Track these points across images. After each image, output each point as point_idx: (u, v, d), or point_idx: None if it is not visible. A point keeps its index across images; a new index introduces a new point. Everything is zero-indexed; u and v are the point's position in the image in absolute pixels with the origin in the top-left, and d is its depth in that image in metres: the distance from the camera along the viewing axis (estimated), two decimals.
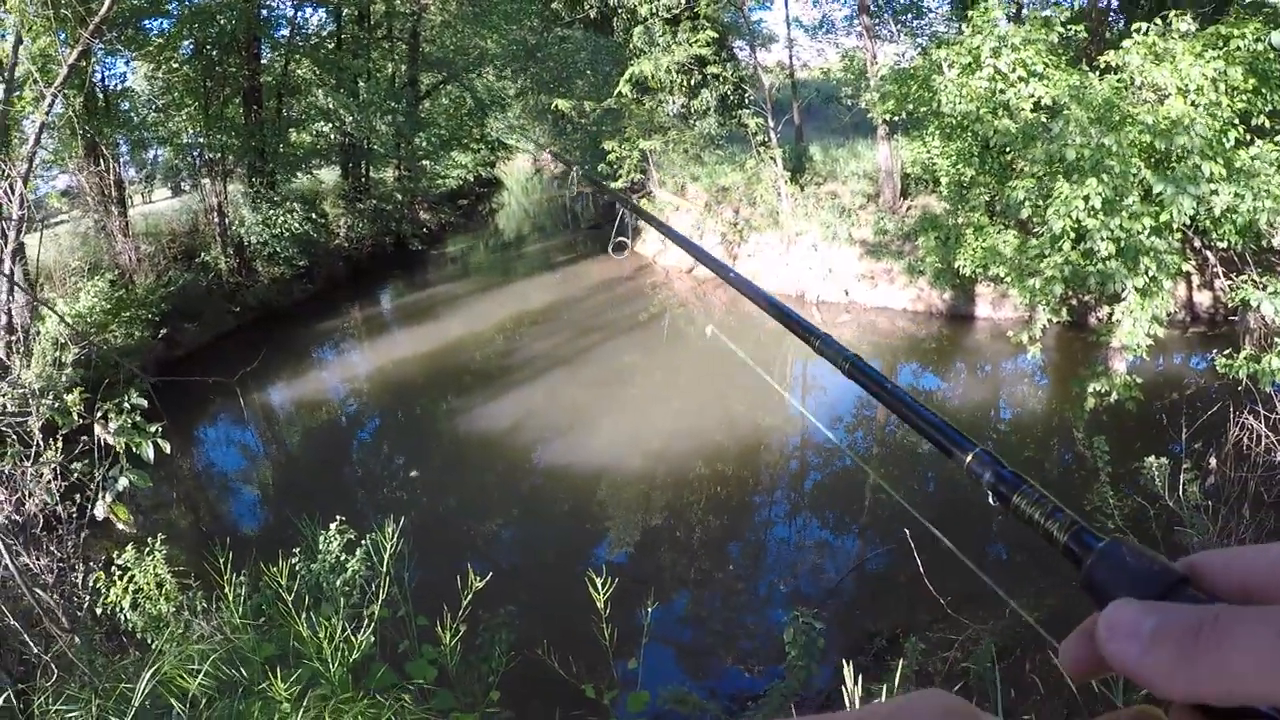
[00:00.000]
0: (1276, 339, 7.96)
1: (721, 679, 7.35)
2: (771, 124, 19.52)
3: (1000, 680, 4.89)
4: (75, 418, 5.18)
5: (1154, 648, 0.38)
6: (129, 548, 5.13)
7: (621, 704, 4.71)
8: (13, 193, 9.81)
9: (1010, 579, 8.41)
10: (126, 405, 4.95)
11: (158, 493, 10.92)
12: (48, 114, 12.26)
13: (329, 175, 26.25)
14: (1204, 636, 0.36)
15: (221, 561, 4.77)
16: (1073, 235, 9.84)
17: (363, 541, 5.22)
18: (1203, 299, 14.28)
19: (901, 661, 4.78)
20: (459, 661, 4.83)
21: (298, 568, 5.08)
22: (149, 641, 4.45)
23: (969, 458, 0.55)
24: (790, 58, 23.70)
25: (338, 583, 5.02)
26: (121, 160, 19.13)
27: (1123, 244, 9.51)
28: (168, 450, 5.12)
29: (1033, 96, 11.44)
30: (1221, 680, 0.36)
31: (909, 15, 22.39)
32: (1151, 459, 6.00)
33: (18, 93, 12.73)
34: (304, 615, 4.43)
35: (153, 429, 5.00)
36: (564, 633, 5.63)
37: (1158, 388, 11.51)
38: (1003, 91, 11.74)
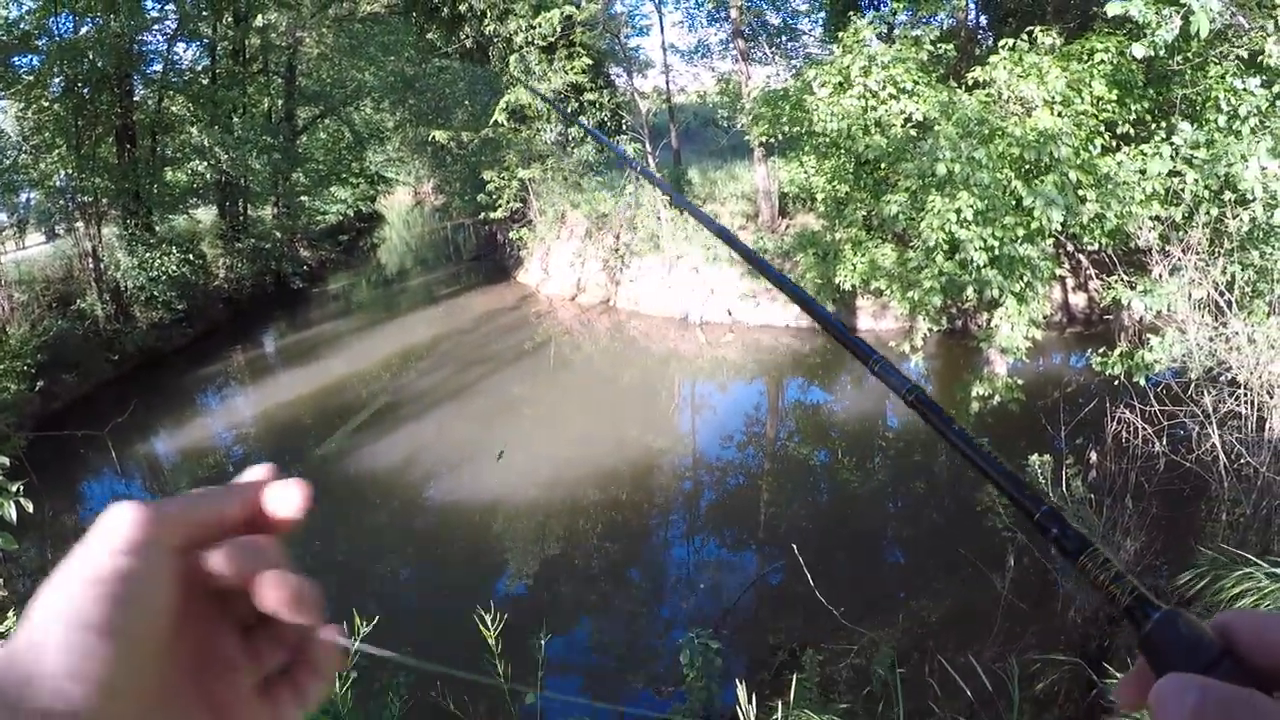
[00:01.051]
0: (1148, 335, 8.22)
1: (631, 703, 7.30)
2: (649, 148, 19.69)
3: (900, 683, 4.94)
4: None
5: None
6: (10, 613, 4.89)
7: None
8: None
9: (911, 580, 8.55)
10: None
11: (39, 555, 10.49)
12: None
13: (206, 215, 25.64)
14: (1235, 717, 0.42)
15: None
16: (947, 246, 10.09)
17: None
18: (1078, 300, 14.78)
19: (797, 675, 4.79)
20: (353, 711, 4.70)
21: None
22: None
23: (1037, 515, 0.56)
24: (667, 83, 23.96)
25: None
26: None
27: (996, 253, 9.78)
28: (30, 509, 4.89)
29: (903, 113, 11.73)
30: None
31: (783, 38, 22.85)
32: (1034, 457, 6.15)
33: None
34: None
35: (14, 488, 4.77)
36: (463, 669, 5.53)
37: (1039, 388, 11.83)
38: (874, 109, 12.02)
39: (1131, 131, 10.76)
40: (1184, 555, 6.41)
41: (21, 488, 4.87)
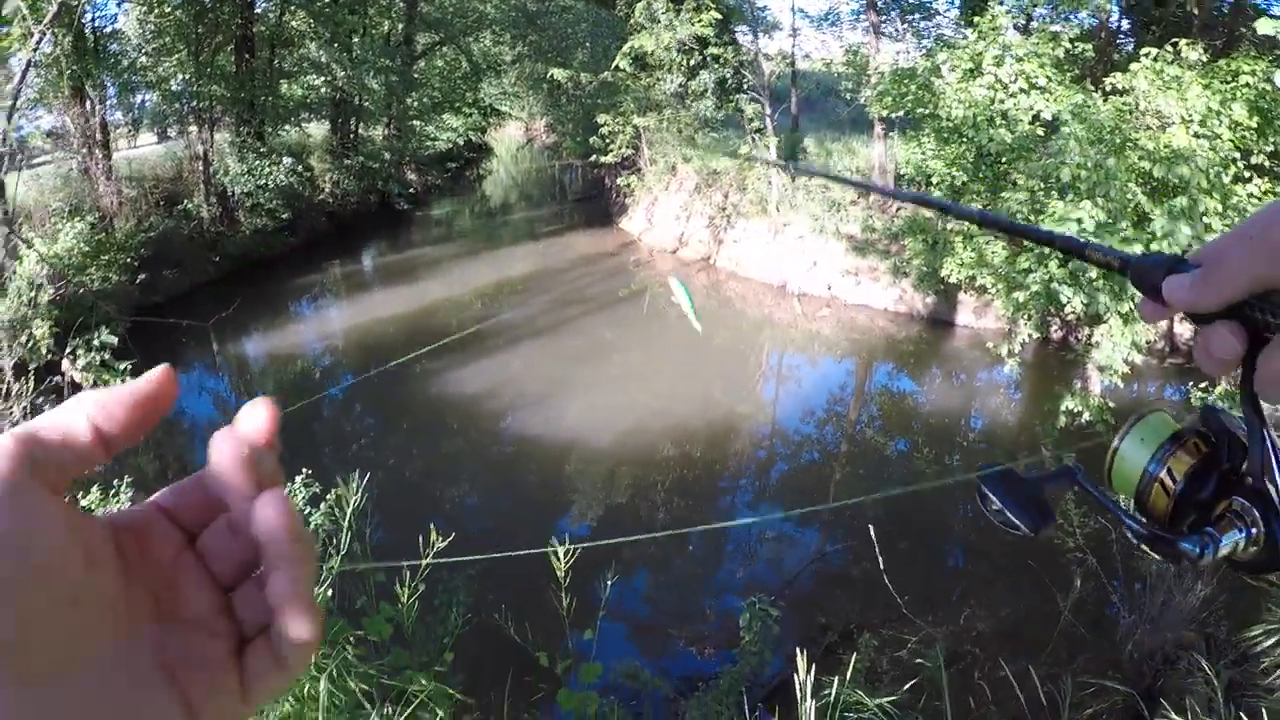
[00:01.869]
0: None
1: (672, 659, 7.36)
2: (769, 111, 19.45)
3: (948, 683, 4.91)
4: (45, 353, 5.13)
5: (1194, 286, 0.62)
6: (94, 489, 5.07)
7: (574, 674, 4.70)
8: None
9: (970, 582, 8.46)
10: (96, 342, 4.90)
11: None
12: (35, 52, 12.08)
13: (318, 129, 25.98)
14: (1212, 268, 0.61)
15: None
16: (1061, 253, 9.84)
17: (328, 496, 5.18)
18: (1184, 330, 14.34)
19: (855, 656, 4.78)
20: (416, 621, 4.80)
21: None
22: None
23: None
24: (793, 47, 23.59)
25: None
26: (108, 103, 18.86)
27: None
28: None
29: (1032, 109, 11.43)
30: (1224, 283, 0.60)
31: (916, 15, 22.36)
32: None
33: (5, 29, 12.52)
34: None
35: (121, 366, 4.94)
36: (522, 600, 5.61)
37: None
38: (1002, 101, 11.73)
39: (1267, 164, 10.34)
40: (1256, 601, 6.25)
41: (129, 367, 5.03)
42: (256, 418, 0.53)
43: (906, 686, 4.93)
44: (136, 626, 0.46)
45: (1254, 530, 0.66)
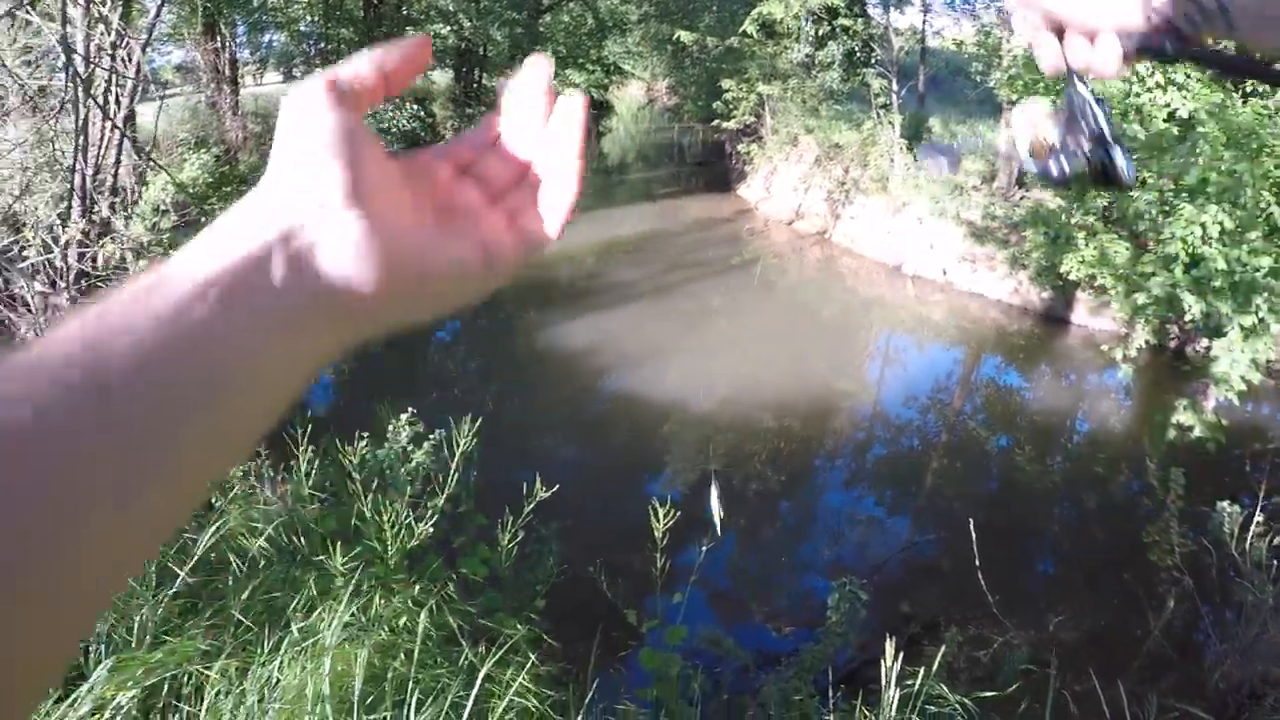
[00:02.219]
0: None
1: (752, 631, 7.40)
2: (895, 88, 19.19)
3: (1028, 689, 4.87)
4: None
5: None
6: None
7: (658, 634, 4.77)
8: (129, 60, 9.92)
9: (1059, 590, 8.34)
10: None
11: None
12: None
13: (442, 77, 26.29)
14: None
15: (297, 433, 4.87)
16: (1187, 259, 9.55)
17: (431, 436, 5.31)
18: None
19: (943, 649, 4.77)
20: (510, 566, 4.91)
21: (365, 453, 5.17)
22: (213, 502, 4.57)
23: None
24: (924, 23, 23.20)
25: (401, 471, 5.11)
26: (237, 40, 19.32)
27: (1238, 277, 9.22)
28: None
29: (1168, 106, 11.09)
30: None
31: None
32: (1225, 503, 5.88)
33: None
34: (368, 498, 4.52)
35: None
36: (614, 556, 5.70)
37: (1243, 435, 11.20)
38: (1137, 95, 11.41)
39: None
40: None
41: None
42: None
43: (987, 684, 4.91)
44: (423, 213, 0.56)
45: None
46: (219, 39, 17.03)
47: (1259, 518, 5.89)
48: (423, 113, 20.99)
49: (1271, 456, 9.54)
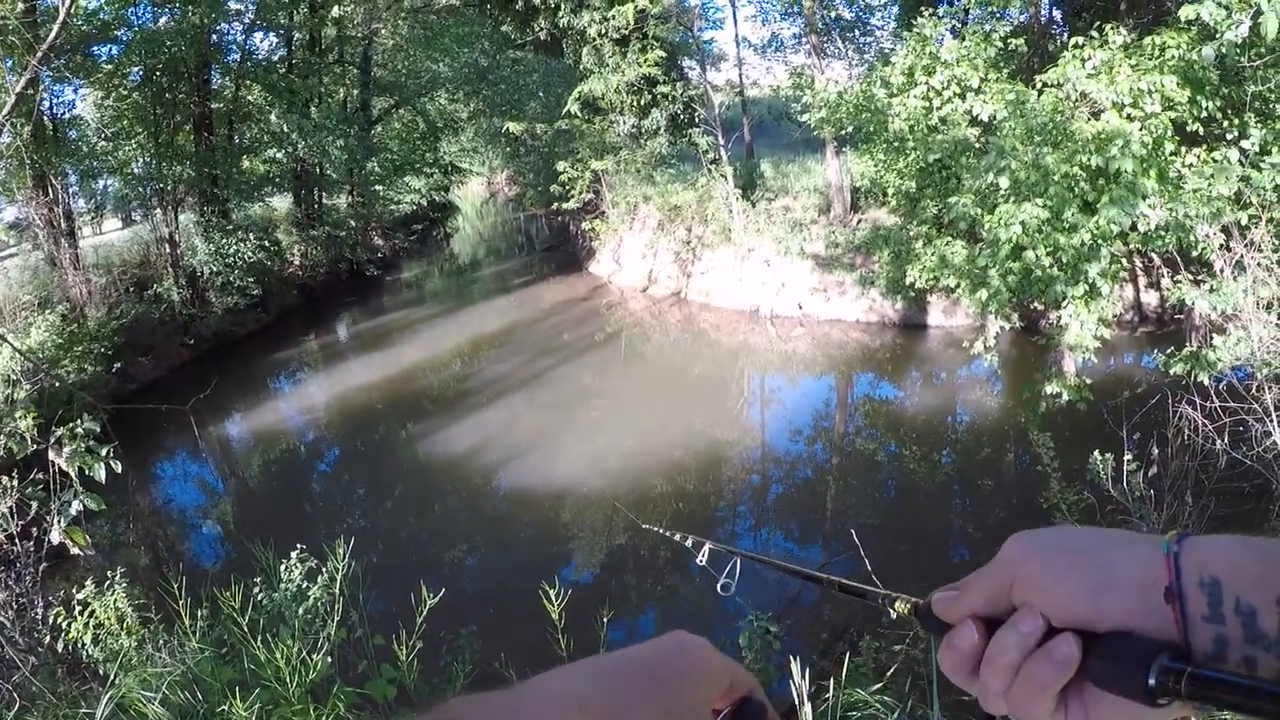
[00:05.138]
0: (1214, 335, 8.08)
1: None
2: (722, 142, 19.63)
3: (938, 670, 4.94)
4: (29, 443, 5.21)
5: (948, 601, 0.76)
6: (88, 582, 5.11)
7: None
8: None
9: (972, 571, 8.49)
10: (79, 430, 4.98)
11: (115, 530, 10.84)
12: None
13: (281, 202, 26.13)
14: (963, 592, 0.75)
15: (177, 590, 4.75)
16: (1011, 249, 9.92)
17: (323, 569, 5.23)
18: (1150, 299, 14.52)
19: (848, 657, 4.81)
20: (419, 680, 4.83)
21: (260, 597, 5.07)
22: (111, 675, 4.44)
23: None
24: (740, 76, 23.95)
25: (299, 610, 5.02)
26: (71, 190, 18.89)
27: (1062, 257, 9.65)
28: (119, 470, 5.14)
29: (969, 112, 11.55)
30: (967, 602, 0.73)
31: (855, 32, 22.67)
32: (1096, 454, 6.10)
33: None
34: (259, 639, 4.43)
35: (103, 451, 5.02)
36: (526, 648, 5.63)
37: (1108, 388, 11.66)
38: (938, 107, 11.88)
39: (1201, 130, 10.46)
40: None
41: (110, 450, 5.11)
42: None
43: (910, 678, 4.98)
44: None
45: None
46: (50, 191, 16.60)
47: (1128, 457, 6.12)
48: (267, 241, 20.77)
49: (1139, 401, 9.91)
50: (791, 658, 3.93)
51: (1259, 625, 0.56)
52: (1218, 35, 8.22)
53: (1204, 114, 10.21)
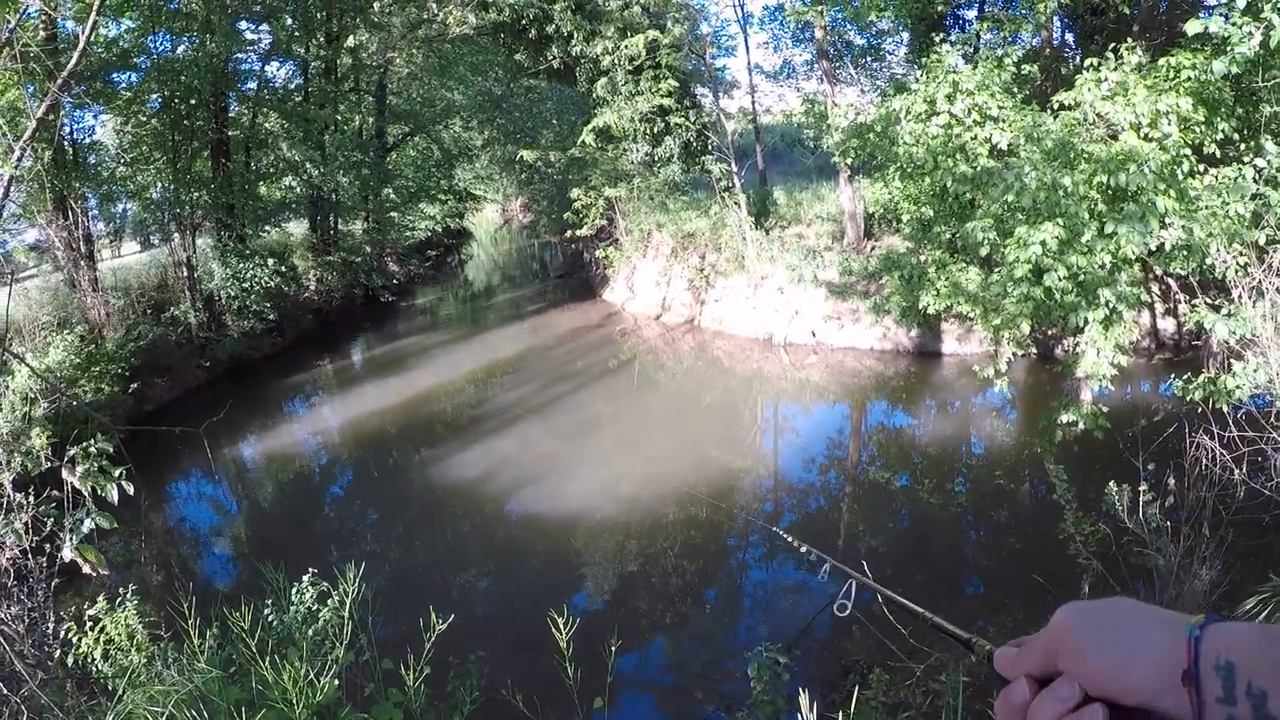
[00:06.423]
0: (1232, 361, 8.02)
1: (695, 719, 7.33)
2: (735, 169, 19.69)
3: (961, 706, 4.91)
4: (43, 461, 5.24)
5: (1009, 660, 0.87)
6: (100, 599, 5.12)
7: None
8: None
9: (988, 604, 8.44)
10: (93, 450, 5.00)
11: (128, 549, 10.83)
12: (16, 168, 12.23)
13: (298, 228, 26.30)
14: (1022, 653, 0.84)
15: (188, 609, 4.75)
16: (1030, 274, 9.89)
17: (334, 592, 5.22)
18: (1167, 326, 14.47)
19: (857, 691, 4.77)
20: (425, 705, 4.81)
21: (270, 619, 5.07)
22: (119, 691, 4.44)
23: None
24: (753, 103, 24.02)
25: (309, 632, 5.01)
26: (90, 214, 19.07)
27: (1081, 279, 9.60)
28: (131, 491, 5.16)
29: (989, 140, 11.55)
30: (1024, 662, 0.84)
31: (867, 58, 22.76)
32: (1112, 485, 6.06)
33: None
34: (267, 660, 4.42)
35: (116, 472, 5.04)
36: (533, 676, 5.60)
37: (1125, 416, 11.60)
38: (959, 136, 11.87)
39: (1218, 153, 10.46)
40: (1260, 584, 6.27)
41: (124, 472, 5.13)
42: None
43: (923, 710, 4.93)
44: None
45: None
46: (70, 214, 16.76)
47: (1144, 488, 6.07)
48: (283, 266, 20.84)
49: (1156, 429, 9.84)
50: (801, 689, 3.90)
51: (1268, 708, 0.64)
52: (1228, 50, 8.21)
53: (1220, 135, 10.21)
